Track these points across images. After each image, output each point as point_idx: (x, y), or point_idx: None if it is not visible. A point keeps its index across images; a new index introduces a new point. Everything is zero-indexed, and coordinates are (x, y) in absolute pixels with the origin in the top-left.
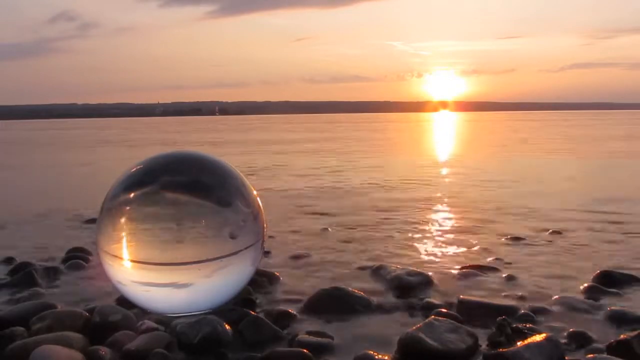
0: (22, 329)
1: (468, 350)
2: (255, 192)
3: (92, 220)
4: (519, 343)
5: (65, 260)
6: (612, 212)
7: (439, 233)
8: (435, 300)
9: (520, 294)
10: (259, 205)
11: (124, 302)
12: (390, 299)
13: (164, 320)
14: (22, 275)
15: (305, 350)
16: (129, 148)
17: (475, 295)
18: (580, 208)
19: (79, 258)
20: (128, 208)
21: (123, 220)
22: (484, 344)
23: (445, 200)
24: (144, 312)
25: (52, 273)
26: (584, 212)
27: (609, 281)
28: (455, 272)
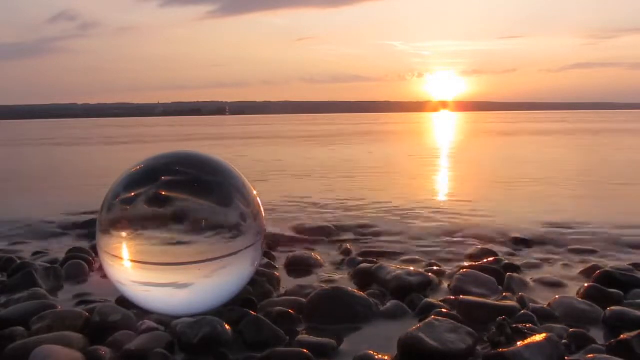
0: (22, 329)
1: (468, 350)
2: (255, 192)
3: (92, 221)
4: (519, 343)
5: (65, 261)
6: (611, 211)
7: (439, 233)
8: (435, 300)
9: (520, 294)
10: (259, 205)
11: (124, 302)
12: (390, 299)
13: (164, 320)
14: (22, 275)
15: (305, 351)
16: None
17: (475, 295)
18: (580, 207)
19: (79, 258)
20: (128, 208)
21: (123, 220)
22: (484, 344)
23: (445, 200)
24: (144, 312)
25: (52, 273)
26: (584, 212)
27: (610, 281)
28: (455, 272)
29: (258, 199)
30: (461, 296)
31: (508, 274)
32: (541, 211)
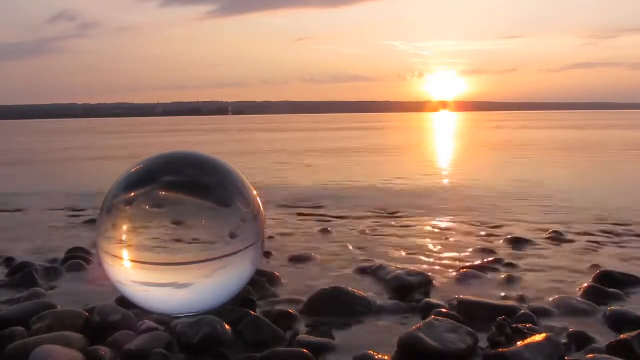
0: (22, 329)
1: (468, 350)
2: (255, 192)
3: (92, 220)
4: (519, 343)
5: (65, 260)
6: (611, 211)
7: (439, 233)
8: (435, 300)
9: (520, 294)
10: (259, 205)
11: (124, 302)
12: (390, 299)
13: (164, 320)
14: (22, 275)
15: (305, 351)
16: None
17: (475, 296)
18: (580, 207)
19: (79, 258)
20: (128, 208)
21: (123, 220)
22: (484, 344)
23: (445, 199)
24: (144, 312)
25: (52, 273)
26: (584, 212)
27: (609, 281)
28: (455, 272)
29: (258, 199)
30: (461, 296)
31: (508, 273)
32: (541, 210)
